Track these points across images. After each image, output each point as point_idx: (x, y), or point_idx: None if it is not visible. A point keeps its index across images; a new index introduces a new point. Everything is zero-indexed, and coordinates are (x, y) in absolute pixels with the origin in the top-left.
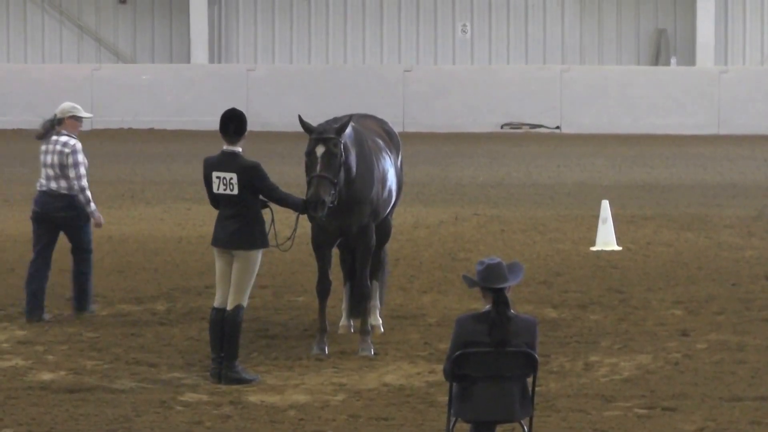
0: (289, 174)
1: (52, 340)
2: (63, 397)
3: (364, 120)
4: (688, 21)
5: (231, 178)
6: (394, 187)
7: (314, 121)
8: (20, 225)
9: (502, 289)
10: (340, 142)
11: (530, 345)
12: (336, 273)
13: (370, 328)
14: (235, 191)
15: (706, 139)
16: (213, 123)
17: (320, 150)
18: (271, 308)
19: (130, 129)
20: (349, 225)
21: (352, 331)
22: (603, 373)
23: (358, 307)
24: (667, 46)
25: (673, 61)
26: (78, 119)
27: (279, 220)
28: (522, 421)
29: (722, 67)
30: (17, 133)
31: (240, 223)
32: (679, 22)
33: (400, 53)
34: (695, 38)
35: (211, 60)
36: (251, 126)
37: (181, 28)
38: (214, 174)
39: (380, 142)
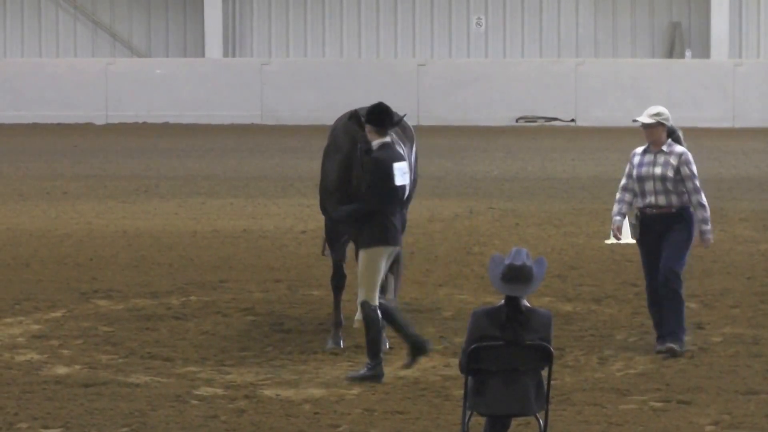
0: (302, 168)
1: (67, 335)
2: (78, 392)
3: None
4: (703, 14)
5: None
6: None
7: (327, 116)
8: (35, 220)
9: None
10: (393, 136)
11: (545, 339)
12: (350, 267)
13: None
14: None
15: (721, 132)
16: (227, 117)
17: None
18: (286, 302)
19: (144, 123)
20: None
21: None
22: (618, 366)
23: None
24: (682, 39)
25: (687, 54)
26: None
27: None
28: (537, 415)
29: (737, 60)
30: (32, 128)
31: None
32: (693, 15)
33: (414, 47)
34: (710, 31)
35: (226, 54)
36: (265, 120)
37: (196, 23)
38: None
39: (393, 134)
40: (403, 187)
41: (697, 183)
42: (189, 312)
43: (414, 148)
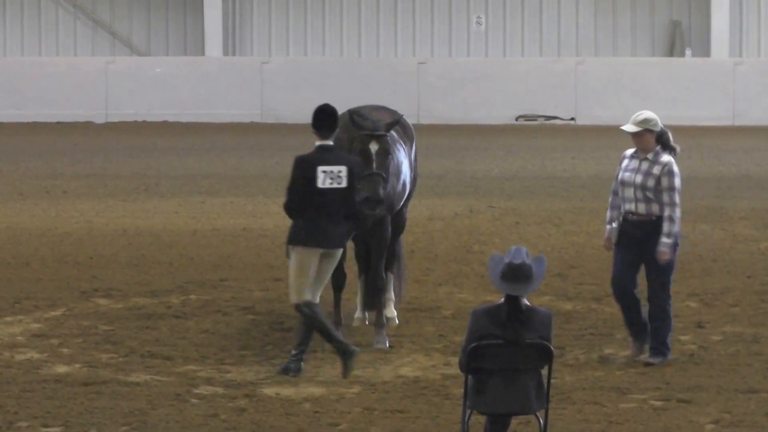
0: None
1: (67, 333)
2: (78, 390)
3: (377, 111)
4: (703, 13)
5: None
6: (408, 180)
7: None
8: (35, 219)
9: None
10: (389, 139)
11: (545, 338)
12: (351, 265)
13: (385, 320)
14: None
15: (721, 130)
16: (227, 116)
17: (374, 147)
18: (285, 301)
19: (144, 122)
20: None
21: (367, 323)
22: (618, 365)
23: (373, 299)
24: (682, 37)
25: (687, 52)
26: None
27: None
28: (537, 414)
29: (737, 58)
30: (32, 127)
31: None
32: (693, 14)
33: (414, 46)
34: (710, 30)
35: (226, 53)
36: (265, 118)
37: (196, 21)
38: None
39: (393, 134)
40: (333, 190)
41: (675, 197)
42: (189, 311)
43: (414, 147)
